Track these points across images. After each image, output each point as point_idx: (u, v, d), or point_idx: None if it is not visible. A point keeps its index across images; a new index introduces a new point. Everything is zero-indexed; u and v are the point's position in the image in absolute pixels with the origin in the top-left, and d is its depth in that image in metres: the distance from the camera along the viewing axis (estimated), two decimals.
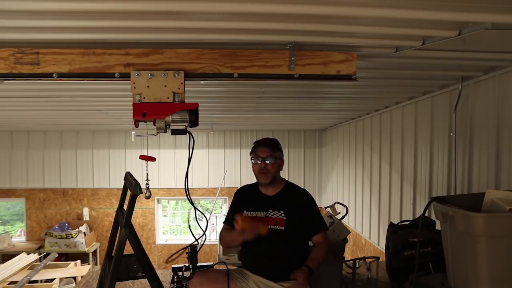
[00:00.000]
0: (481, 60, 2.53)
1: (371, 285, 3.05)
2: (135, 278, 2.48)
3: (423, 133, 3.69)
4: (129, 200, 2.11)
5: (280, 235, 2.29)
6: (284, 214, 2.32)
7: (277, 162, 2.38)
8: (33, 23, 1.78)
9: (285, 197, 2.39)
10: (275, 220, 2.32)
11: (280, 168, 2.42)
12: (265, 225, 2.25)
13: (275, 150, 2.39)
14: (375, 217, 4.97)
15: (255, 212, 2.39)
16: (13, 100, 3.69)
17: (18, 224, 8.40)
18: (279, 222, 2.31)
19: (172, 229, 8.47)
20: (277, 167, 2.39)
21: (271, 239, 2.26)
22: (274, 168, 2.36)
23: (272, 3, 1.61)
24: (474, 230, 1.79)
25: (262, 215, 2.36)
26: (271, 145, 2.40)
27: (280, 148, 2.43)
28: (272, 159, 2.35)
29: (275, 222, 2.31)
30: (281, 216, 2.32)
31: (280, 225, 2.30)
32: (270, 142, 2.43)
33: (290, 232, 2.30)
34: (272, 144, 2.41)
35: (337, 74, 2.18)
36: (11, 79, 2.10)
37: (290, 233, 2.30)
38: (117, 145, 7.60)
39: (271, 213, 2.34)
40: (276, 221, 2.31)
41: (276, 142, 2.44)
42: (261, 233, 2.18)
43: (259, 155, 2.37)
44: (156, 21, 1.77)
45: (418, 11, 1.67)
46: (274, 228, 2.30)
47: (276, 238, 2.29)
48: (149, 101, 2.08)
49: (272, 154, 2.36)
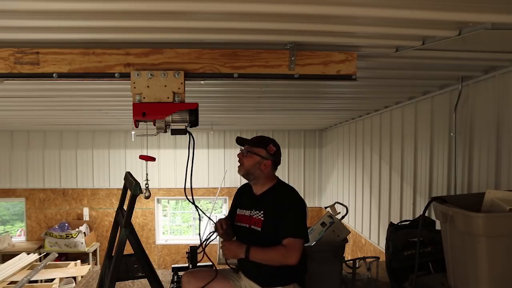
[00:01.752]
0: (481, 60, 2.53)
1: (371, 285, 3.05)
2: (135, 278, 2.48)
3: (423, 133, 3.69)
4: (129, 200, 2.12)
5: (256, 236, 2.23)
6: (262, 215, 2.23)
7: (253, 158, 2.26)
8: (33, 23, 1.78)
9: (269, 197, 2.28)
10: (255, 220, 2.26)
11: (259, 167, 2.27)
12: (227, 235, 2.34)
13: (256, 145, 2.29)
14: (375, 217, 4.97)
15: (243, 210, 2.37)
16: (13, 100, 3.69)
17: (18, 224, 8.40)
18: (257, 222, 2.25)
19: (172, 229, 8.47)
20: (253, 163, 2.26)
21: (250, 239, 2.23)
22: (249, 163, 2.27)
23: (272, 3, 1.61)
24: (474, 230, 1.79)
25: (247, 214, 2.33)
26: (254, 140, 2.33)
27: (264, 147, 2.28)
28: (246, 152, 2.29)
29: (254, 222, 2.26)
30: (260, 216, 2.25)
31: (257, 226, 2.24)
32: (256, 138, 2.38)
33: (265, 233, 2.20)
34: (256, 140, 2.35)
35: (337, 74, 2.18)
36: (11, 79, 2.10)
37: (265, 234, 2.20)
38: (117, 145, 7.60)
39: (254, 213, 2.28)
40: (255, 221, 2.26)
41: (261, 140, 2.34)
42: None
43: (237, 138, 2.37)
44: (156, 21, 1.77)
45: (418, 11, 1.67)
46: (253, 228, 2.26)
47: (254, 238, 2.23)
48: (149, 101, 2.08)
49: (250, 148, 2.29)
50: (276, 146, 2.33)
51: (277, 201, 2.23)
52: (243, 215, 2.36)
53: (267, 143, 2.30)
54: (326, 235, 2.88)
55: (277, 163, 2.34)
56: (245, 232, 2.31)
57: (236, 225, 2.40)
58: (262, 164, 2.27)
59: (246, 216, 2.33)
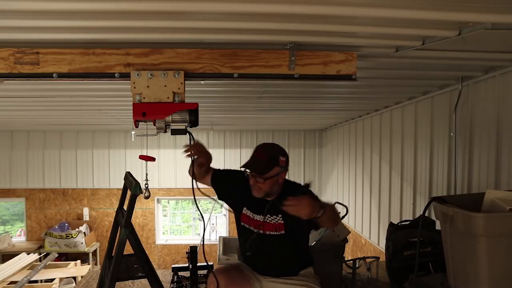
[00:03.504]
0: (481, 60, 2.53)
1: (371, 285, 3.05)
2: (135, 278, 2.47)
3: (423, 133, 3.69)
4: (129, 200, 2.11)
5: (280, 241, 2.20)
6: (281, 218, 2.17)
7: (270, 181, 2.11)
8: (33, 23, 1.78)
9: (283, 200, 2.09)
10: (274, 226, 2.19)
11: (277, 183, 2.15)
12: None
13: (269, 169, 2.09)
14: (375, 217, 4.97)
15: (253, 214, 2.25)
16: (13, 100, 3.69)
17: (18, 224, 8.40)
18: (277, 227, 2.18)
19: (172, 229, 8.47)
20: (272, 185, 2.13)
21: (272, 245, 2.20)
22: (267, 187, 2.12)
23: (272, 3, 1.61)
24: (474, 230, 1.79)
25: (260, 219, 2.23)
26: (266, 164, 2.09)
27: (276, 164, 2.11)
28: (263, 180, 2.10)
29: (274, 228, 2.19)
30: (279, 221, 2.18)
31: (280, 230, 2.18)
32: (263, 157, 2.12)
33: (291, 234, 2.18)
34: (267, 162, 2.10)
35: (337, 74, 2.18)
36: (11, 79, 2.10)
37: (290, 235, 2.19)
38: (117, 145, 7.60)
39: (269, 219, 2.20)
40: (274, 227, 2.19)
41: (270, 158, 2.12)
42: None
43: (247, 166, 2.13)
44: (156, 21, 1.77)
45: (418, 11, 1.67)
46: (274, 235, 2.19)
47: (277, 244, 2.20)
48: (149, 101, 2.08)
49: (266, 176, 2.10)
50: (284, 154, 2.19)
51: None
52: (253, 219, 2.25)
53: (276, 158, 2.12)
54: (326, 235, 2.88)
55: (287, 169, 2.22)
56: (259, 239, 2.23)
57: (243, 227, 2.31)
58: (279, 179, 2.16)
59: (258, 221, 2.22)
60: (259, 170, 2.10)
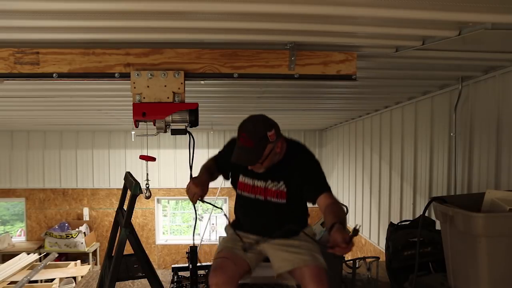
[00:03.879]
0: (481, 60, 2.53)
1: (371, 285, 3.05)
2: (135, 278, 2.48)
3: (423, 133, 3.69)
4: (129, 200, 2.11)
5: (281, 208, 2.10)
6: (284, 185, 2.07)
7: (268, 159, 1.98)
8: (33, 23, 1.78)
9: (285, 164, 2.08)
10: (275, 192, 2.09)
11: (277, 152, 2.01)
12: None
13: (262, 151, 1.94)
14: (375, 217, 4.97)
15: (253, 180, 2.12)
16: (13, 100, 3.69)
17: (18, 224, 8.40)
18: (279, 194, 2.09)
19: (172, 229, 8.47)
20: (271, 160, 2.00)
21: (271, 212, 2.11)
22: (268, 163, 2.00)
23: (272, 3, 1.61)
24: (474, 230, 1.79)
25: (261, 185, 2.11)
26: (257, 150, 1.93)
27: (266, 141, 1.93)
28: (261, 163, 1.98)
29: (275, 195, 2.09)
30: (281, 188, 2.08)
31: (281, 198, 2.08)
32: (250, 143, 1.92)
33: (292, 203, 2.10)
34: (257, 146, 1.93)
35: (337, 74, 2.19)
36: (11, 79, 2.10)
37: (292, 204, 2.10)
38: (117, 145, 7.60)
39: (270, 185, 2.09)
40: (276, 194, 2.09)
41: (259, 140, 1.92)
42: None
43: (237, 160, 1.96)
44: (156, 21, 1.77)
45: (418, 11, 1.67)
46: (275, 202, 2.10)
47: (277, 211, 2.11)
48: (149, 101, 2.08)
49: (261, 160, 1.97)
50: (270, 126, 1.98)
51: (297, 167, 2.07)
52: (253, 186, 2.13)
53: (264, 138, 1.94)
54: (326, 235, 2.87)
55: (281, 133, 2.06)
56: (260, 205, 2.13)
57: (242, 195, 2.19)
58: (276, 150, 2.01)
59: (259, 187, 2.12)
60: (252, 161, 1.97)
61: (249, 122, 1.99)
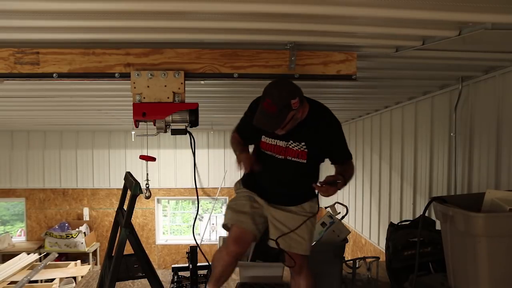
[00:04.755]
0: (481, 60, 2.53)
1: (371, 285, 3.05)
2: (135, 278, 2.48)
3: (423, 133, 3.69)
4: (129, 200, 2.12)
5: (301, 169, 2.16)
6: (305, 146, 2.11)
7: (291, 122, 1.98)
8: (33, 23, 1.78)
9: (308, 125, 2.09)
10: (296, 152, 2.13)
11: (298, 117, 2.02)
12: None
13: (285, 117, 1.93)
14: (375, 217, 4.97)
15: (275, 140, 2.15)
16: (13, 100, 3.69)
17: (18, 225, 8.40)
18: (300, 155, 2.13)
19: (172, 229, 8.47)
20: (292, 124, 2.01)
21: (291, 171, 2.17)
22: (289, 127, 2.01)
23: (272, 3, 1.61)
24: (474, 230, 1.79)
25: (282, 145, 2.14)
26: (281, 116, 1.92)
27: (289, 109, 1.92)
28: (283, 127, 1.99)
29: (296, 155, 2.13)
30: (302, 148, 2.11)
31: (302, 158, 2.13)
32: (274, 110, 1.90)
33: (311, 164, 2.19)
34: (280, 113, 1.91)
35: (337, 74, 2.19)
36: (11, 79, 2.10)
37: (311, 165, 2.19)
38: (117, 145, 7.60)
39: (292, 144, 2.12)
40: (297, 154, 2.13)
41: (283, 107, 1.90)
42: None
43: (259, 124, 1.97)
44: (156, 21, 1.77)
45: (418, 11, 1.67)
46: (295, 161, 2.14)
47: (297, 170, 2.17)
48: (149, 101, 2.08)
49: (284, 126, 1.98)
50: (295, 94, 1.94)
51: (320, 129, 2.10)
52: (275, 145, 2.16)
53: (288, 106, 1.91)
54: (326, 235, 2.88)
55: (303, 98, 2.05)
56: (279, 163, 2.18)
57: (263, 152, 2.23)
58: (297, 115, 2.01)
59: (281, 147, 2.14)
60: (273, 127, 1.98)
61: (275, 88, 1.95)
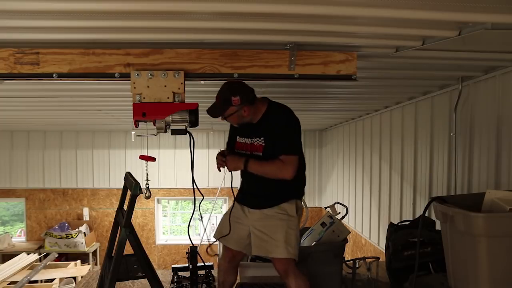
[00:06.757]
0: (481, 60, 2.53)
1: (371, 285, 3.05)
2: (135, 278, 2.48)
3: (423, 133, 3.69)
4: (129, 200, 2.11)
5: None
6: (263, 140, 2.33)
7: (233, 117, 2.30)
8: (33, 23, 1.78)
9: (265, 122, 2.34)
10: (256, 146, 2.35)
11: (243, 116, 2.29)
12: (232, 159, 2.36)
13: (224, 110, 2.26)
14: (375, 217, 4.97)
15: (243, 139, 2.43)
16: (13, 100, 3.69)
17: (18, 225, 8.40)
18: (258, 148, 2.34)
19: (172, 229, 8.47)
20: (237, 119, 2.31)
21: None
22: (234, 120, 2.33)
23: (272, 3, 1.61)
24: (474, 230, 1.79)
25: (248, 142, 2.40)
26: (219, 108, 2.28)
27: (229, 104, 2.23)
28: (224, 118, 2.32)
29: (256, 149, 2.35)
30: (260, 142, 2.34)
31: (259, 151, 2.34)
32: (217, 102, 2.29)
33: (267, 157, 2.30)
34: (220, 105, 2.27)
35: (337, 74, 2.19)
36: (11, 79, 2.10)
37: (267, 158, 2.31)
38: (117, 145, 7.60)
39: (255, 140, 2.37)
40: (257, 148, 2.35)
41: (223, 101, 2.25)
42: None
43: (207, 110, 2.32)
44: (156, 21, 1.77)
45: (418, 11, 1.67)
46: (255, 154, 2.35)
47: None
48: (149, 101, 2.08)
49: (223, 116, 2.30)
50: (237, 92, 2.23)
51: (273, 124, 2.31)
52: (244, 143, 2.43)
53: (228, 100, 2.23)
54: (326, 235, 2.88)
55: (251, 100, 2.30)
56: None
57: (237, 152, 2.47)
58: (242, 113, 2.28)
59: (247, 144, 2.41)
60: (214, 113, 2.29)
61: (226, 85, 2.28)
